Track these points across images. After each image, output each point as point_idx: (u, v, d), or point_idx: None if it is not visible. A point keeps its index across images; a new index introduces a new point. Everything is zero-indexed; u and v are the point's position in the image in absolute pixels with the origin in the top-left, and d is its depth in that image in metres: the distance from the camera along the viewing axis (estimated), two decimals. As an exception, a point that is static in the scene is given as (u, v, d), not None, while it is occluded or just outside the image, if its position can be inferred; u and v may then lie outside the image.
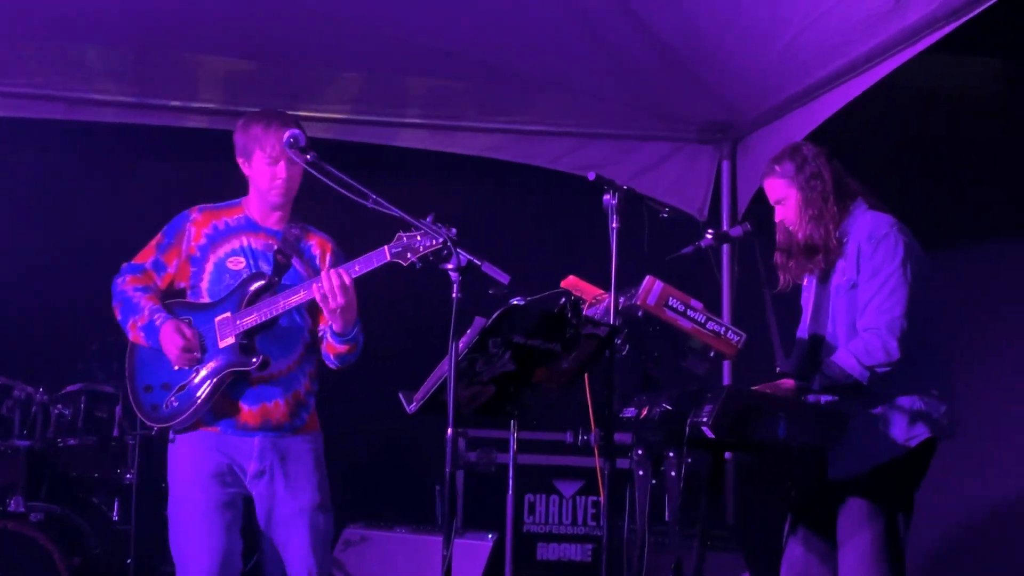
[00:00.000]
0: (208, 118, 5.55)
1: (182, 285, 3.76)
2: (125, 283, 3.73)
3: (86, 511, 5.07)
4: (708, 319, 3.47)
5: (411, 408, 3.19)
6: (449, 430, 3.06)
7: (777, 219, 3.77)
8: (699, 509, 3.68)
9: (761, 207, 4.10)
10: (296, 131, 3.52)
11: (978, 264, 5.55)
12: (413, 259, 3.36)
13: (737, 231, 3.86)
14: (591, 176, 3.46)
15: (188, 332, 3.60)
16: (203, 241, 3.72)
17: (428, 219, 3.26)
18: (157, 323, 3.63)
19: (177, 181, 5.91)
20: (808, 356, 3.70)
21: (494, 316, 3.06)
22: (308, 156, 3.47)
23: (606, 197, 3.48)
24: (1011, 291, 5.57)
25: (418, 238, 3.35)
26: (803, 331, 3.84)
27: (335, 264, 3.75)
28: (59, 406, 4.99)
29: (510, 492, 3.34)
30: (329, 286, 3.47)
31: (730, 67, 5.14)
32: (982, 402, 5.08)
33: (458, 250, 3.14)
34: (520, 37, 5.02)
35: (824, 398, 3.63)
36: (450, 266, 3.14)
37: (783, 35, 4.69)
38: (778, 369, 3.73)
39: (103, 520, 5.13)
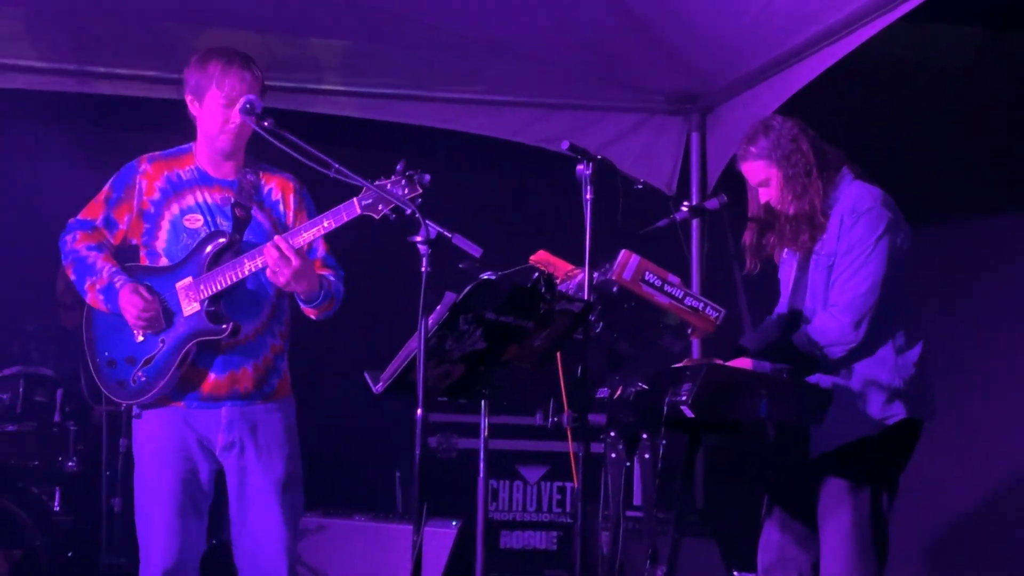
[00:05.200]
0: (148, 86, 5.43)
1: (135, 242, 3.64)
2: (76, 241, 3.61)
3: (25, 501, 4.97)
4: (686, 294, 3.46)
5: (378, 388, 3.13)
6: (419, 411, 3.00)
7: (762, 200, 3.74)
8: (674, 493, 3.66)
9: (732, 180, 4.09)
10: (252, 96, 3.44)
11: (954, 240, 5.60)
12: (385, 211, 3.25)
13: (713, 203, 3.83)
14: (564, 145, 3.42)
15: (147, 295, 3.49)
16: (157, 196, 3.59)
17: (399, 165, 3.18)
18: (117, 286, 3.51)
19: (115, 150, 5.78)
20: (785, 332, 3.69)
21: (465, 291, 3.01)
22: (265, 123, 3.40)
23: (580, 167, 3.44)
24: (990, 267, 5.62)
25: (388, 187, 3.25)
26: (782, 307, 3.84)
27: (299, 206, 3.68)
28: (-4, 390, 4.89)
29: (481, 476, 3.31)
30: (272, 259, 3.38)
31: (699, 34, 5.12)
32: (964, 383, 5.14)
33: (427, 221, 3.09)
34: (479, 3, 4.96)
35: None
36: (419, 238, 3.07)
37: (755, 1, 4.68)
38: (741, 342, 3.75)
39: (43, 511, 5.03)
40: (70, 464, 5.02)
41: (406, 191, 3.26)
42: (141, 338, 3.54)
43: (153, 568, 3.51)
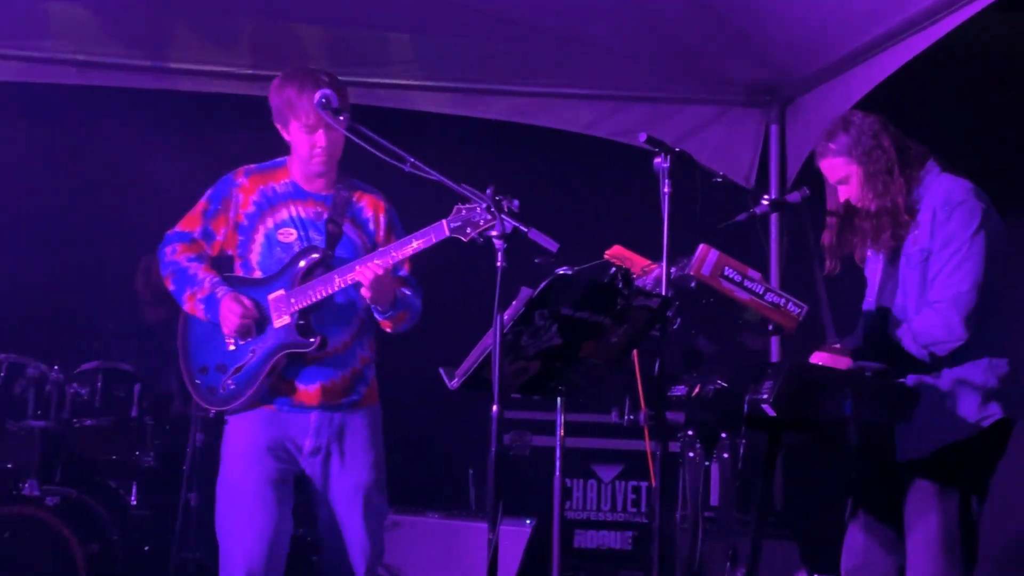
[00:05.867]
0: (234, 83, 5.51)
1: (230, 253, 3.75)
2: (176, 253, 3.73)
3: (103, 495, 5.04)
4: (767, 290, 3.41)
5: (453, 384, 3.13)
6: (494, 407, 2.99)
7: (841, 198, 3.67)
8: (754, 493, 3.61)
9: (812, 174, 4.02)
10: (327, 91, 3.47)
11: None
12: (473, 234, 3.30)
13: (795, 197, 3.76)
14: (642, 138, 3.38)
15: (247, 302, 3.59)
16: (252, 209, 3.69)
17: (488, 191, 3.18)
18: (218, 295, 3.62)
19: (197, 151, 5.88)
20: (874, 331, 3.62)
21: (541, 286, 3.00)
22: (341, 118, 3.43)
23: (657, 160, 3.39)
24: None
25: (478, 211, 3.29)
26: (869, 304, 3.76)
27: (389, 226, 3.76)
28: (75, 385, 4.96)
29: (557, 474, 3.28)
30: (367, 278, 3.46)
31: (779, 24, 5.06)
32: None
33: (502, 216, 3.08)
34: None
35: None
36: (494, 233, 3.08)
37: (836, -12, 4.63)
38: (836, 347, 3.67)
39: (120, 505, 5.11)
40: (147, 459, 5.09)
41: (491, 217, 3.25)
42: (232, 347, 3.63)
43: (236, 568, 3.54)
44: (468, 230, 3.32)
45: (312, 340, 3.55)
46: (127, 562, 4.87)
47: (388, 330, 3.70)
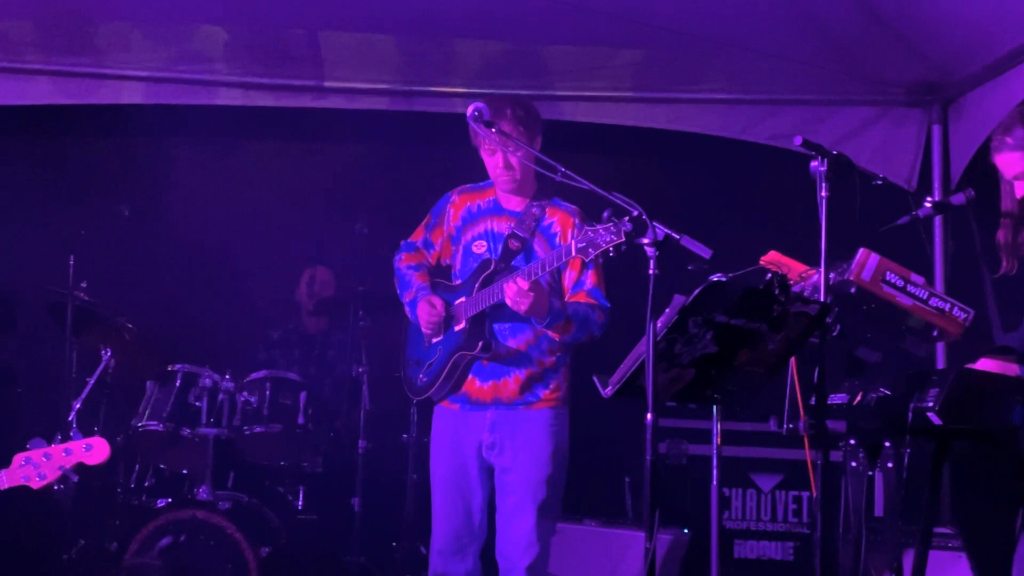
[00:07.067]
0: (389, 99, 5.64)
1: (447, 262, 4.07)
2: (401, 260, 4.10)
3: (272, 500, 5.21)
4: (931, 295, 3.31)
5: (607, 392, 3.14)
6: (648, 415, 2.99)
7: (1018, 195, 3.53)
8: (920, 504, 3.50)
9: (977, 174, 3.88)
10: (480, 104, 3.56)
11: None
12: (594, 255, 3.38)
13: (960, 199, 3.64)
14: (797, 141, 3.32)
15: (438, 303, 3.89)
16: (458, 223, 4.00)
17: (605, 213, 3.24)
18: (418, 299, 3.96)
19: (356, 168, 6.03)
20: (1045, 335, 3.47)
21: (694, 293, 2.98)
22: (493, 130, 3.56)
23: (813, 164, 3.33)
24: None
25: (601, 232, 3.36)
26: (1041, 306, 3.62)
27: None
28: (244, 393, 5.12)
29: (714, 483, 3.25)
30: (511, 293, 3.62)
31: (940, 20, 4.89)
32: None
33: (654, 223, 3.07)
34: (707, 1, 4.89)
35: None
36: (646, 240, 3.08)
37: (1002, -18, 4.46)
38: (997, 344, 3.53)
39: (288, 510, 5.26)
40: (313, 465, 5.24)
41: (613, 237, 3.34)
42: (428, 345, 3.96)
43: (432, 546, 3.90)
44: (590, 251, 3.39)
45: (479, 344, 3.77)
46: (295, 565, 5.02)
47: (556, 339, 3.81)
